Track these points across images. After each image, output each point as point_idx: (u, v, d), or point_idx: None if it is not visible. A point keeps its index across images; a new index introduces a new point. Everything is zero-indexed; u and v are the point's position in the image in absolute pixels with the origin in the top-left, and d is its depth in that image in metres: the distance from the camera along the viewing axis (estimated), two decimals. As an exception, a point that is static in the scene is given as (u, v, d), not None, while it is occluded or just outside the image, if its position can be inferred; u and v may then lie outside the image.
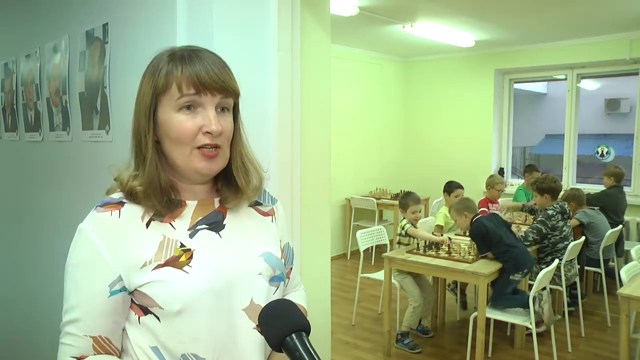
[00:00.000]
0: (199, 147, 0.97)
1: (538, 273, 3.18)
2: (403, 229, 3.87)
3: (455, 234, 4.28)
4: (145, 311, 0.95)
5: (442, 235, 3.96)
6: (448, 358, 3.65)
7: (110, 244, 0.93)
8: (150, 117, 0.98)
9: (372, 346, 3.81)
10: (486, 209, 4.74)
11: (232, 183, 1.06)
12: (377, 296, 4.68)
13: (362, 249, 4.12)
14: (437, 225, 4.44)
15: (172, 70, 0.95)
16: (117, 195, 1.00)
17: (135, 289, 0.94)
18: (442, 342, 3.93)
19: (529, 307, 3.09)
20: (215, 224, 1.03)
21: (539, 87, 7.59)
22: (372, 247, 4.78)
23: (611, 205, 4.79)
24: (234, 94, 1.00)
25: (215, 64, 0.97)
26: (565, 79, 6.05)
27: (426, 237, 3.76)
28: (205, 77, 0.94)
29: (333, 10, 3.09)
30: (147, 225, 0.97)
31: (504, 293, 3.32)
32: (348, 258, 6.36)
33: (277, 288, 1.06)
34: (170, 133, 0.97)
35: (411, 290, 3.74)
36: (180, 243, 0.97)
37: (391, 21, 4.81)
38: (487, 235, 3.42)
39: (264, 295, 1.02)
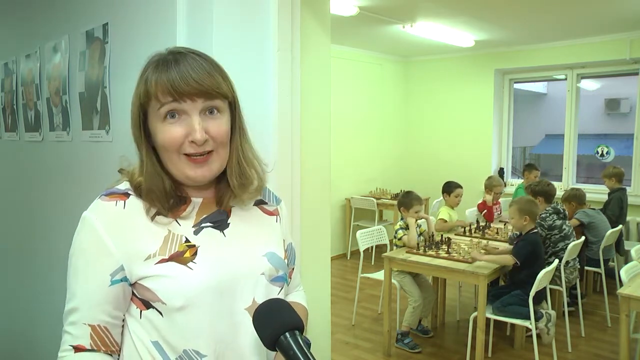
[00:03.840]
0: (186, 154, 0.95)
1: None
2: (396, 236, 3.87)
3: (456, 234, 4.28)
4: (148, 305, 0.95)
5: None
6: (448, 358, 3.65)
7: (114, 233, 0.93)
8: (140, 128, 0.98)
9: (372, 346, 3.81)
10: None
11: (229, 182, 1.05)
12: (377, 296, 4.68)
13: (362, 249, 4.12)
14: (441, 219, 4.39)
15: (150, 79, 0.94)
16: (123, 186, 1.00)
17: (137, 282, 0.94)
18: (442, 342, 3.93)
19: (529, 307, 3.10)
20: (220, 223, 1.03)
21: (539, 87, 7.58)
22: (372, 247, 4.77)
23: (621, 209, 4.79)
24: (219, 95, 0.95)
25: (194, 67, 0.93)
26: (565, 79, 6.04)
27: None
28: (180, 84, 0.91)
29: (333, 10, 3.09)
30: (152, 219, 0.97)
31: (510, 304, 3.30)
32: (348, 258, 6.36)
33: (281, 289, 1.06)
34: (157, 141, 0.97)
35: (411, 290, 3.74)
36: (186, 238, 0.97)
37: (391, 21, 4.81)
38: (537, 251, 3.34)
39: (266, 295, 1.01)
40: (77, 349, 0.93)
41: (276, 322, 0.85)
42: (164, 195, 0.97)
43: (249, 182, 1.04)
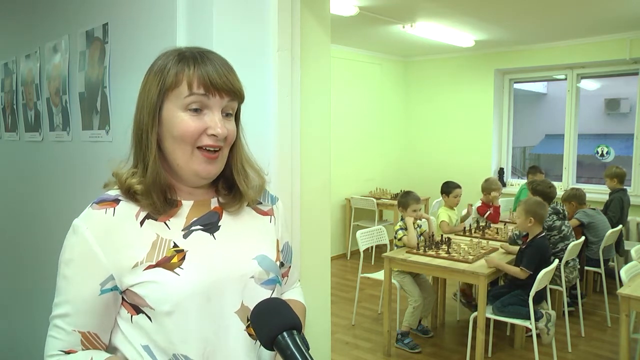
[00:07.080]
0: (199, 148, 0.96)
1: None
2: (396, 236, 3.87)
3: (456, 234, 4.27)
4: (137, 310, 0.95)
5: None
6: (448, 358, 3.65)
7: (104, 243, 0.94)
8: (155, 115, 0.97)
9: (372, 346, 3.81)
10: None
11: (233, 188, 1.06)
12: (377, 296, 4.68)
13: (362, 249, 4.12)
14: (443, 222, 4.37)
15: (183, 69, 0.95)
16: (113, 192, 1.00)
17: (127, 289, 0.95)
18: (442, 342, 3.93)
19: (529, 307, 3.10)
20: (210, 225, 1.02)
21: (539, 87, 7.58)
22: (372, 247, 4.77)
23: (622, 210, 4.79)
24: (240, 97, 1.00)
25: (224, 65, 0.98)
26: (565, 79, 6.05)
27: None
28: (216, 78, 0.95)
29: (333, 10, 3.09)
30: (142, 223, 0.97)
31: (510, 304, 3.29)
32: (348, 258, 6.36)
33: (273, 291, 1.05)
34: (173, 131, 0.96)
35: (411, 290, 3.74)
36: (174, 243, 0.97)
37: (391, 21, 4.81)
38: (546, 257, 3.32)
39: (256, 298, 1.00)
40: (69, 353, 0.95)
41: (274, 322, 0.85)
42: (161, 191, 0.98)
43: (252, 184, 1.08)
